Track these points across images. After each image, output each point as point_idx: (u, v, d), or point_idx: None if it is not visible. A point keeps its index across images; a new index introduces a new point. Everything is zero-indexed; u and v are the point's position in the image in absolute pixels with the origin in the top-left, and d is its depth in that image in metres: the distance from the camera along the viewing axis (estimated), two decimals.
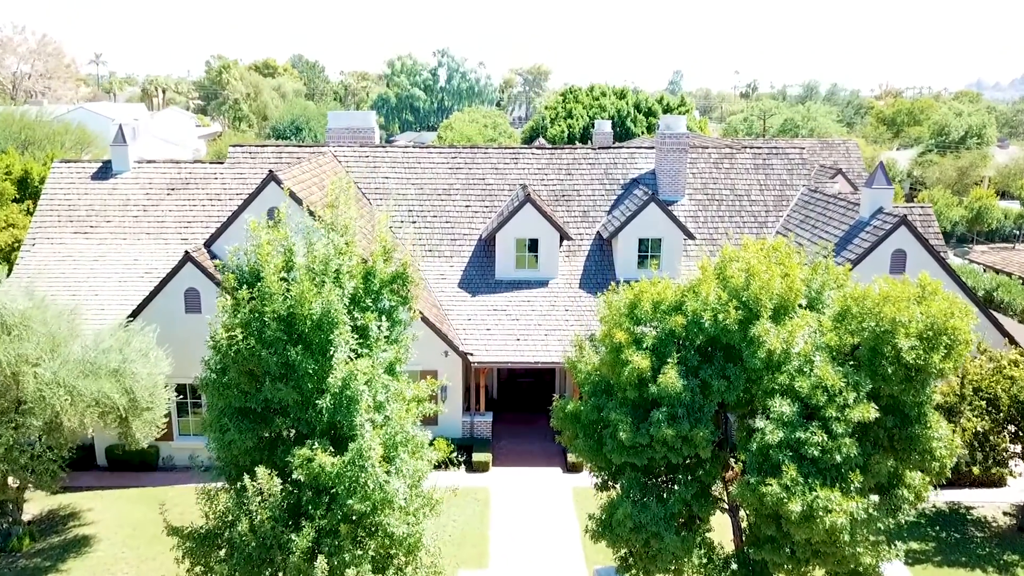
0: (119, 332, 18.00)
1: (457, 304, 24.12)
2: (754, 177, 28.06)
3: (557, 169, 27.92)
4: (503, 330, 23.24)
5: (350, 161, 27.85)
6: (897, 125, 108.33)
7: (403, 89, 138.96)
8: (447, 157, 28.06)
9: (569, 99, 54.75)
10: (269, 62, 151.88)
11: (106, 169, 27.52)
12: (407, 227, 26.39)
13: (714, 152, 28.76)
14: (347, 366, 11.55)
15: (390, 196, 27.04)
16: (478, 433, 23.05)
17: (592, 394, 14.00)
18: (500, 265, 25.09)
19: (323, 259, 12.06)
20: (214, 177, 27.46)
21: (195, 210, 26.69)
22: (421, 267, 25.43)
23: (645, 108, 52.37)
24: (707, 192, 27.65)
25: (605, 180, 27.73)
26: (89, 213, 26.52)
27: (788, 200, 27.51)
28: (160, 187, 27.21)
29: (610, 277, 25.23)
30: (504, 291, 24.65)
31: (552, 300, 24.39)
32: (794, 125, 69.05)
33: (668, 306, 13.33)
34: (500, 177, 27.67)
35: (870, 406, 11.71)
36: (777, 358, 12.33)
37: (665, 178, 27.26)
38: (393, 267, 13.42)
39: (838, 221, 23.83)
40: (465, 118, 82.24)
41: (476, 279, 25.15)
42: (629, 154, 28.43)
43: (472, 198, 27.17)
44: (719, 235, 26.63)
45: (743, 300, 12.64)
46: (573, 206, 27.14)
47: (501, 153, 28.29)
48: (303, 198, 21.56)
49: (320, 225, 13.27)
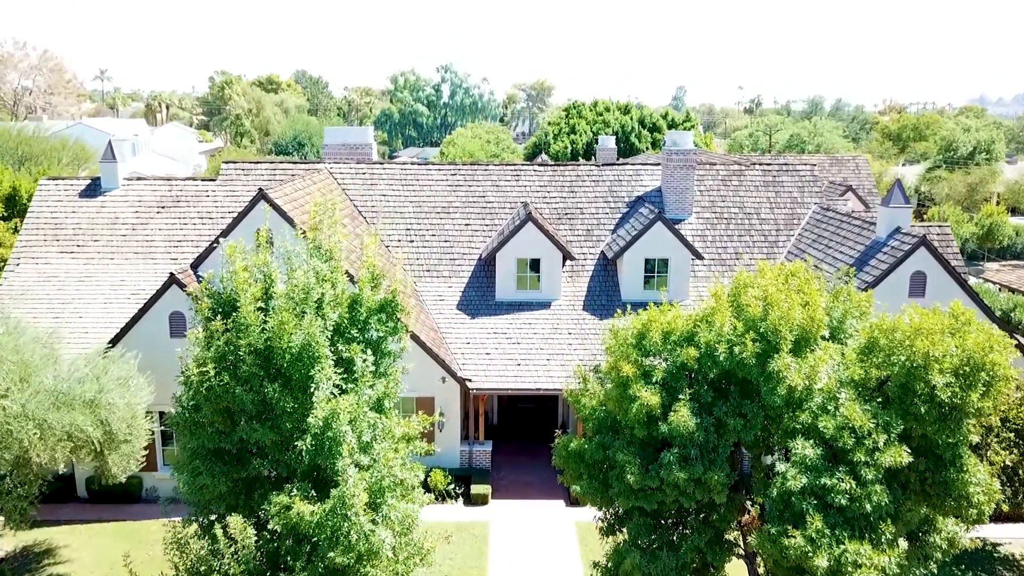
0: (97, 359, 17.04)
1: (455, 327, 23.14)
2: (764, 195, 27.12)
3: (560, 186, 27.02)
4: (503, 354, 22.24)
5: (346, 178, 26.98)
6: (903, 141, 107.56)
7: (406, 105, 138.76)
8: (446, 174, 27.18)
9: (572, 114, 53.99)
10: (273, 78, 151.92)
11: (95, 186, 26.69)
12: (404, 247, 25.49)
13: (722, 169, 27.84)
14: (329, 404, 10.58)
15: (387, 214, 26.16)
16: (477, 463, 22.00)
17: (597, 431, 13.00)
18: (500, 286, 24.14)
19: (303, 287, 11.09)
20: (205, 195, 26.60)
21: (185, 229, 25.81)
22: (419, 288, 24.52)
23: (650, 124, 51.55)
24: (715, 210, 26.71)
25: (609, 198, 26.81)
26: (76, 232, 25.66)
27: (799, 218, 26.55)
28: (150, 205, 26.36)
29: (615, 298, 24.25)
30: (504, 313, 23.68)
31: (554, 323, 23.40)
32: (800, 141, 68.20)
33: (679, 337, 12.34)
34: (501, 195, 26.77)
35: (902, 449, 10.68)
36: (799, 395, 11.32)
37: (672, 196, 26.33)
38: (382, 294, 12.41)
39: (853, 241, 22.84)
40: (468, 134, 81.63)
41: (476, 300, 24.19)
42: (634, 171, 27.52)
43: (472, 216, 26.27)
44: (728, 255, 25.65)
45: (761, 331, 11.64)
46: (576, 225, 26.20)
47: (502, 170, 27.40)
48: (295, 218, 20.66)
49: (306, 249, 12.30)
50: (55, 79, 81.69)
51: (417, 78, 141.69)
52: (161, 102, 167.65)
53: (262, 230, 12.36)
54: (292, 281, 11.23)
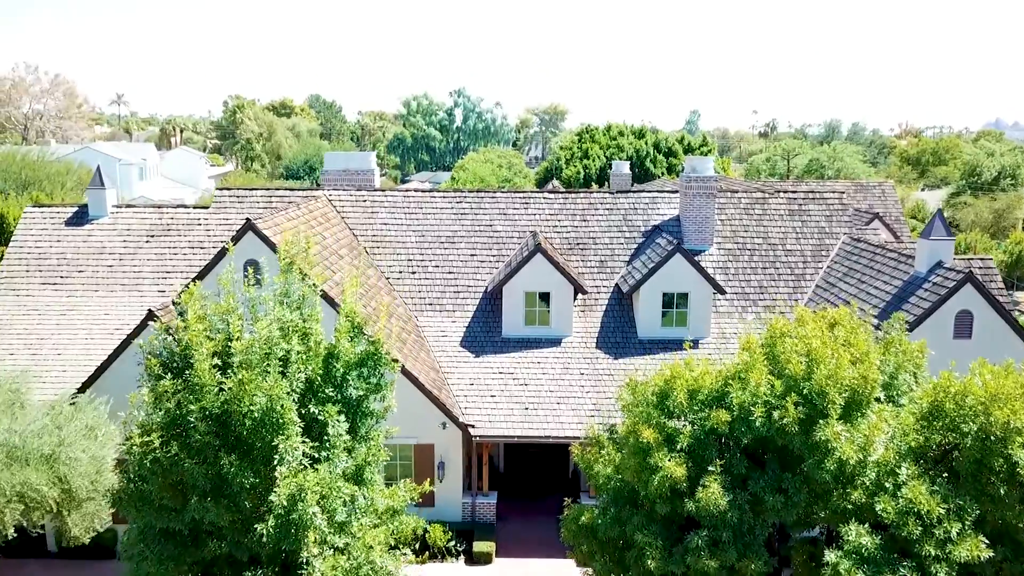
0: (63, 407, 15.51)
1: (458, 366, 21.50)
2: (789, 224, 25.43)
3: (571, 215, 25.46)
4: (510, 397, 20.56)
5: (346, 206, 25.55)
6: (922, 165, 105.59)
7: (419, 129, 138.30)
8: (451, 201, 25.69)
9: (585, 139, 52.60)
10: (286, 102, 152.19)
11: (82, 214, 25.39)
12: (405, 279, 23.95)
13: (744, 197, 26.20)
14: (295, 479, 8.96)
15: (388, 244, 24.66)
16: (480, 517, 20.24)
17: (613, 502, 11.28)
18: (508, 321, 22.51)
19: (264, 341, 9.51)
20: (197, 223, 25.24)
21: (175, 259, 24.42)
22: (420, 323, 22.93)
23: (665, 148, 50.07)
24: (737, 241, 25.03)
25: (624, 227, 25.20)
26: (60, 262, 24.32)
27: (827, 250, 24.82)
28: (139, 234, 25.01)
29: (631, 335, 22.56)
30: (512, 351, 22.03)
31: (565, 362, 21.71)
32: (820, 166, 66.47)
33: (708, 396, 10.65)
34: (509, 223, 25.24)
35: (979, 540, 8.92)
36: (850, 469, 9.59)
37: (691, 225, 24.69)
38: (363, 345, 10.81)
39: (888, 276, 21.09)
40: (479, 158, 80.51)
41: (481, 337, 22.56)
42: (651, 199, 25.93)
43: (478, 246, 24.72)
44: (752, 289, 23.93)
45: (804, 393, 9.93)
46: (589, 255, 24.59)
47: (510, 197, 25.89)
48: (286, 247, 19.16)
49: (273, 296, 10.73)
50: (66, 103, 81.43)
51: (430, 102, 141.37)
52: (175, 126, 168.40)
53: (225, 276, 10.73)
54: (253, 334, 9.65)
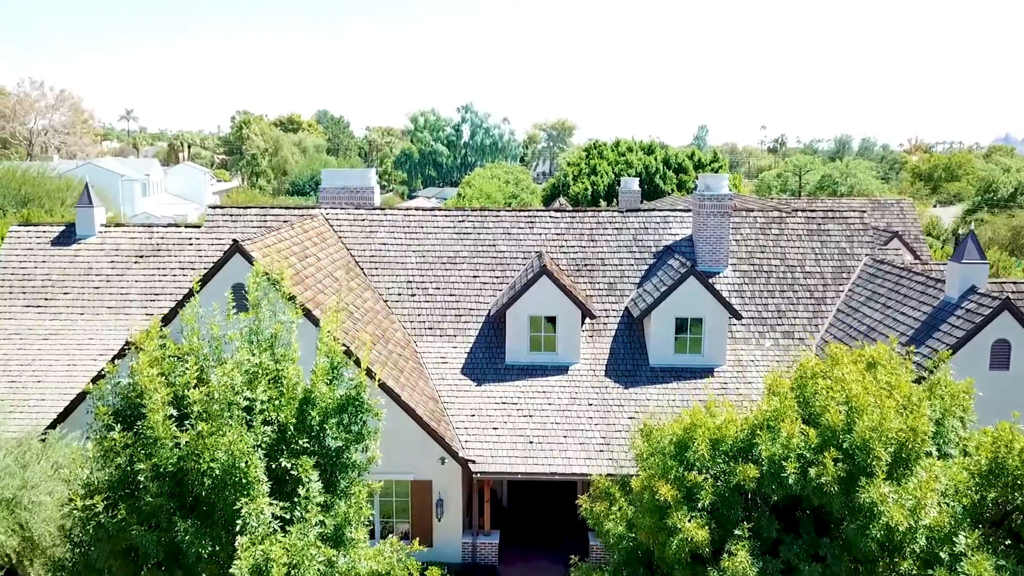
0: (31, 443, 14.39)
1: (459, 395, 20.30)
2: (808, 245, 24.21)
3: (579, 234, 24.31)
4: (513, 430, 19.33)
5: (343, 225, 24.48)
6: (934, 181, 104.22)
7: (426, 144, 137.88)
8: (453, 221, 24.59)
9: (593, 155, 51.56)
10: (294, 117, 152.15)
11: (69, 233, 24.40)
12: (404, 301, 22.81)
13: (760, 216, 25.01)
14: (260, 547, 7.79)
15: (387, 265, 23.55)
16: (482, 558, 18.98)
17: (625, 563, 10.05)
18: (512, 347, 21.33)
19: (226, 388, 8.36)
20: (188, 243, 24.22)
21: (164, 280, 23.39)
22: (419, 348, 21.76)
23: (675, 164, 48.98)
24: (753, 263, 23.82)
25: (634, 247, 24.03)
26: (45, 283, 23.31)
27: (849, 271, 23.58)
28: (127, 254, 24.00)
29: (642, 363, 21.32)
30: (516, 379, 20.83)
31: (573, 391, 20.49)
32: (832, 182, 65.24)
33: (733, 447, 9.42)
34: (513, 243, 24.10)
35: None
36: (900, 536, 8.35)
37: (705, 246, 23.50)
38: (343, 388, 9.64)
39: (916, 301, 19.82)
40: (486, 174, 79.66)
41: (483, 364, 21.37)
42: (662, 218, 24.77)
43: (481, 268, 23.58)
44: (769, 313, 22.69)
45: (845, 447, 8.70)
46: (597, 277, 23.41)
47: (515, 216, 24.77)
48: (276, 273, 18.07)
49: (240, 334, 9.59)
50: (72, 119, 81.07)
51: (437, 118, 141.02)
52: (183, 142, 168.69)
53: (186, 311, 9.60)
54: (213, 381, 8.50)
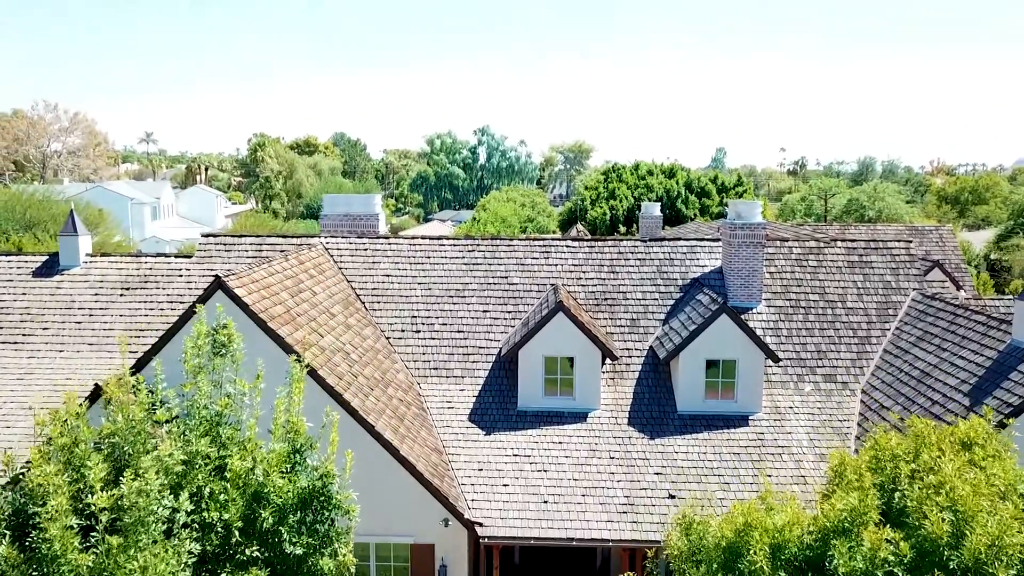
0: None
1: (466, 446, 18.35)
2: (849, 278, 22.16)
3: (598, 265, 22.42)
4: (526, 486, 17.33)
5: (344, 255, 22.74)
6: (960, 204, 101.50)
7: (442, 167, 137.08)
8: (462, 250, 22.78)
9: (612, 178, 49.77)
10: (310, 140, 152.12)
11: (51, 264, 22.85)
12: (408, 338, 20.95)
13: (796, 246, 23.01)
14: None
15: (390, 299, 21.75)
16: None
17: None
18: (524, 391, 19.38)
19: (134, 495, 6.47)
20: (178, 274, 22.58)
21: (151, 314, 21.72)
22: (423, 391, 19.86)
23: (697, 188, 47.06)
24: (789, 298, 21.78)
25: (659, 280, 22.09)
26: (24, 317, 21.71)
27: (895, 308, 21.48)
28: (113, 286, 22.39)
29: (669, 409, 19.30)
30: (529, 427, 18.86)
31: (592, 442, 18.48)
32: (859, 206, 62.98)
33: (798, 555, 7.40)
34: (527, 275, 22.24)
35: None
36: None
37: (736, 279, 21.51)
38: (306, 479, 7.74)
39: (977, 344, 17.69)
40: (501, 197, 78.16)
41: (493, 409, 19.42)
42: (688, 248, 22.83)
43: (491, 301, 21.72)
44: (808, 354, 20.60)
45: (951, 567, 6.67)
46: (619, 313, 21.46)
47: (528, 245, 22.93)
48: (263, 309, 16.33)
49: None
50: (85, 141, 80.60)
51: (453, 140, 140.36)
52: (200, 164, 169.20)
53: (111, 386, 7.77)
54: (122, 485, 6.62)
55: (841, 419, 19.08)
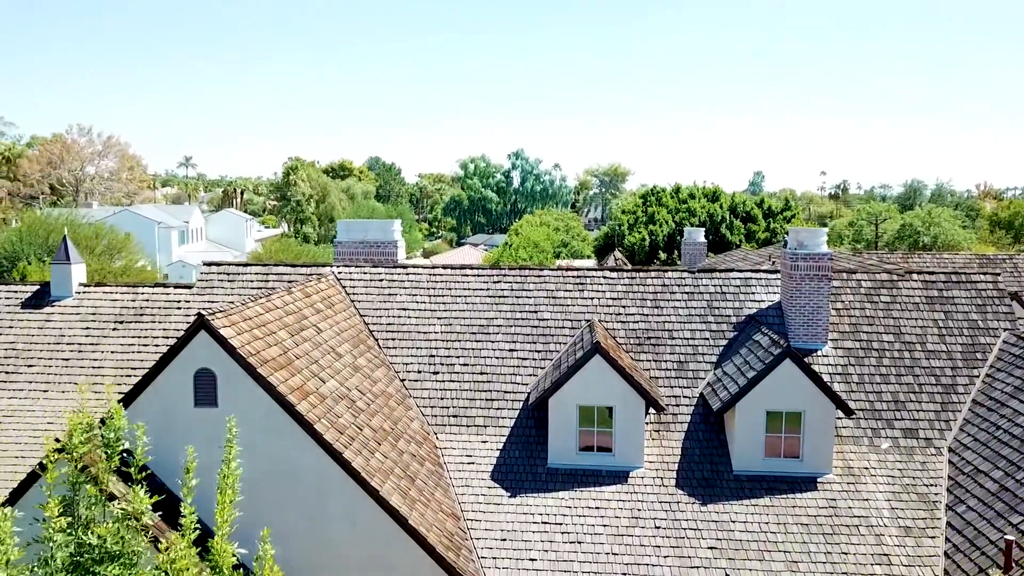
0: None
1: (487, 510, 15.91)
2: (928, 316, 19.39)
3: (640, 299, 19.95)
4: (556, 563, 14.81)
5: (357, 286, 20.59)
6: (1015, 229, 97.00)
7: (475, 191, 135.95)
8: (487, 281, 20.50)
9: (651, 201, 47.24)
10: (345, 164, 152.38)
11: (42, 294, 21.07)
12: (424, 381, 18.65)
13: (865, 279, 20.31)
14: None
15: (406, 335, 19.50)
16: None
17: None
18: (555, 445, 16.92)
19: None
20: (176, 306, 20.63)
21: (145, 350, 19.75)
22: (440, 443, 17.50)
23: (742, 212, 44.33)
24: (859, 339, 19.07)
25: (709, 316, 19.54)
26: (9, 353, 19.89)
27: (984, 351, 18.65)
28: (106, 319, 20.51)
29: (723, 468, 16.68)
30: (560, 488, 16.37)
31: (634, 507, 15.91)
32: (913, 232, 59.57)
33: None
34: (560, 309, 19.85)
35: None
36: None
37: (798, 317, 18.89)
38: None
39: None
40: (535, 221, 76.14)
41: (519, 466, 16.97)
42: (742, 280, 20.27)
43: (519, 339, 19.35)
44: (884, 404, 17.84)
45: None
46: (664, 355, 18.93)
47: (561, 277, 20.56)
48: (254, 352, 14.17)
49: None
50: (118, 165, 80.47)
51: (487, 164, 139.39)
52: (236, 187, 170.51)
53: None
54: None
55: (927, 483, 16.27)
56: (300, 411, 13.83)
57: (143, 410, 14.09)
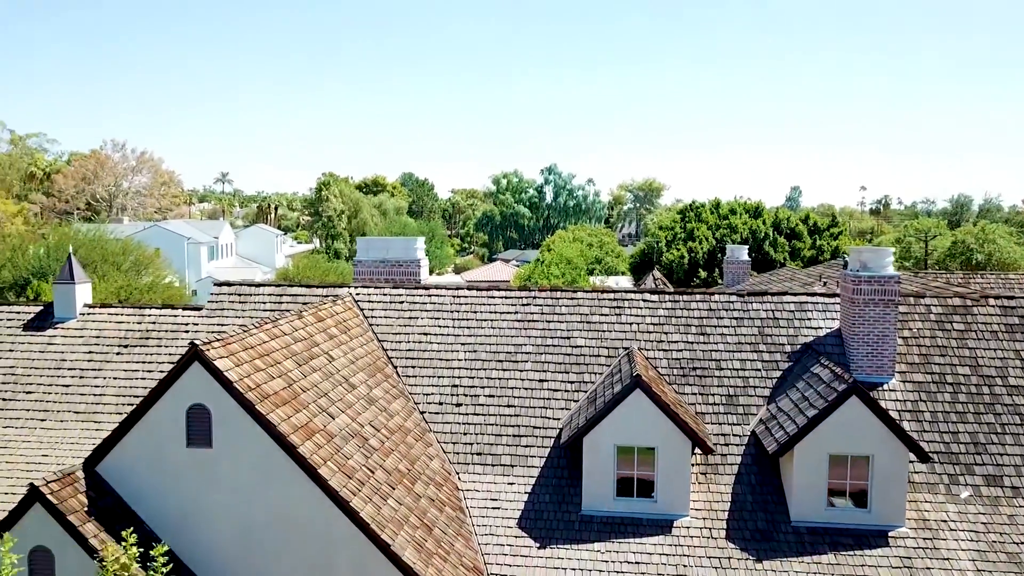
0: None
1: (514, 563, 14.20)
2: (1009, 346, 17.31)
3: (684, 324, 18.17)
4: None
5: (376, 308, 19.12)
6: None
7: (508, 207, 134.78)
8: (515, 304, 18.88)
9: (690, 217, 45.31)
10: (379, 179, 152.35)
11: (45, 315, 19.92)
12: (446, 413, 17.04)
13: (934, 304, 18.30)
14: None
15: (427, 363, 17.94)
16: None
17: None
18: (591, 489, 15.17)
19: None
20: (184, 329, 19.34)
21: (148, 377, 18.45)
22: (462, 483, 15.85)
23: (786, 229, 42.21)
24: (931, 371, 17.05)
25: (761, 345, 17.68)
26: (8, 378, 18.73)
27: None
28: (110, 342, 19.28)
29: (780, 518, 14.78)
30: (596, 538, 14.61)
31: (680, 561, 14.09)
32: (966, 249, 56.68)
33: None
34: (594, 336, 18.14)
35: None
36: None
37: (861, 347, 16.95)
38: None
39: None
40: (568, 237, 74.50)
41: (550, 512, 15.25)
42: (797, 305, 18.39)
43: (550, 369, 17.67)
44: (962, 447, 15.80)
45: None
46: (711, 387, 17.10)
47: (596, 300, 18.86)
48: (254, 385, 12.70)
49: None
50: (152, 180, 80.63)
51: (520, 179, 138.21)
52: (271, 203, 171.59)
53: None
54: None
55: (1017, 540, 14.21)
56: (303, 453, 12.32)
57: (131, 449, 12.72)
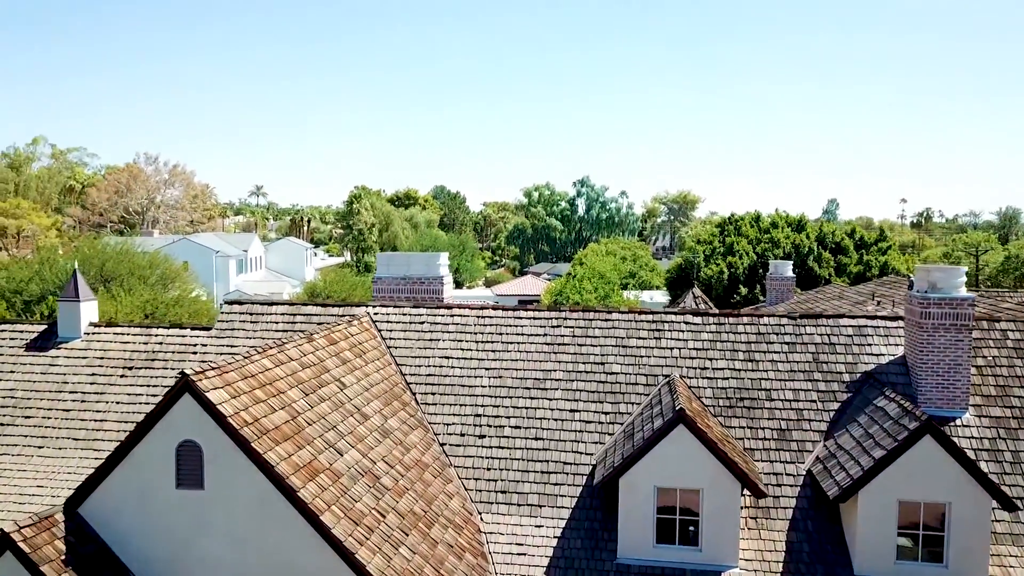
0: None
1: None
2: None
3: (730, 350, 16.54)
4: None
5: (395, 329, 17.79)
6: None
7: (539, 219, 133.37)
8: (544, 326, 17.42)
9: (729, 231, 43.48)
10: (411, 192, 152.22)
11: (48, 335, 18.92)
12: (468, 446, 15.60)
13: (1011, 328, 16.46)
14: None
15: (448, 389, 16.54)
16: None
17: None
18: (627, 534, 13.60)
19: None
20: (192, 350, 18.19)
21: (152, 400, 17.29)
22: (485, 525, 14.37)
23: (831, 243, 40.18)
24: (1009, 404, 15.22)
25: (816, 374, 15.98)
26: (7, 401, 17.72)
27: None
28: (115, 363, 18.20)
29: (842, 571, 13.07)
30: None
31: None
32: (1020, 264, 53.93)
33: None
34: (632, 362, 16.59)
35: None
36: None
37: (930, 377, 15.18)
38: None
39: None
40: (600, 250, 72.82)
41: (581, 560, 13.72)
42: (855, 329, 16.66)
43: (582, 398, 16.15)
44: None
45: None
46: (760, 420, 15.44)
47: (633, 322, 17.32)
48: (251, 420, 11.40)
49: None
50: (183, 193, 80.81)
51: (552, 192, 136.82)
52: (304, 216, 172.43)
53: None
54: None
55: None
56: (304, 496, 10.96)
57: (116, 489, 11.48)
